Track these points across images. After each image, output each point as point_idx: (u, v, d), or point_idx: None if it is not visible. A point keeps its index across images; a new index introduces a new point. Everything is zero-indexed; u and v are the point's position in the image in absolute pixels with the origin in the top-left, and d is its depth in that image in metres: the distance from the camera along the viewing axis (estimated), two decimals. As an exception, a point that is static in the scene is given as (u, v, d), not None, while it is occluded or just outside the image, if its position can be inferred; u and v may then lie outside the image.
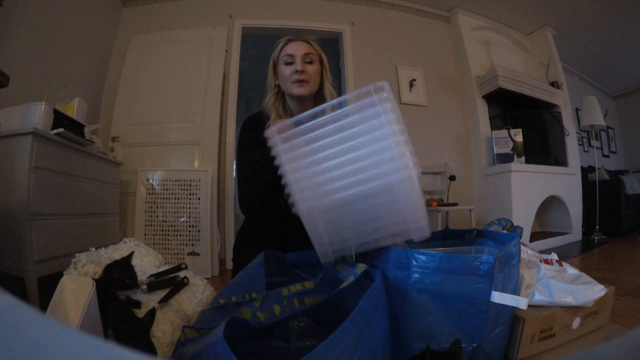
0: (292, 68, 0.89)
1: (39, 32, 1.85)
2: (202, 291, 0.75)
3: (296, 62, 0.89)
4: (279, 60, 0.92)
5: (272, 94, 0.95)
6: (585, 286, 0.69)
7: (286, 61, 0.89)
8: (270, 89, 0.96)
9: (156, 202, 2.05)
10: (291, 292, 0.58)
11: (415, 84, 2.87)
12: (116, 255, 0.78)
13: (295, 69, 0.88)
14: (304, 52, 0.89)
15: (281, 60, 0.90)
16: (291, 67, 0.89)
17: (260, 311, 0.50)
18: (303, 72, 0.88)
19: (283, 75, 0.90)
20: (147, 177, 2.09)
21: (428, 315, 0.56)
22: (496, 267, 0.54)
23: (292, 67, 0.89)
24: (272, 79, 0.95)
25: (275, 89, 0.95)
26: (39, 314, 0.14)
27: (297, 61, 0.89)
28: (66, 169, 1.41)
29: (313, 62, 0.91)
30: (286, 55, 0.89)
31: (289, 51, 0.89)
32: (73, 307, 0.51)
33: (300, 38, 0.93)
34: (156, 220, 2.03)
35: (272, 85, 0.95)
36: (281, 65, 0.90)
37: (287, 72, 0.89)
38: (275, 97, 0.94)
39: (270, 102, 0.94)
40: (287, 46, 0.91)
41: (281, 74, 0.91)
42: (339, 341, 0.35)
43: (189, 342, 0.48)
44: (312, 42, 0.94)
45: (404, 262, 0.59)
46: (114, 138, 2.31)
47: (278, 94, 0.95)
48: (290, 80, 0.89)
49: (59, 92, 1.74)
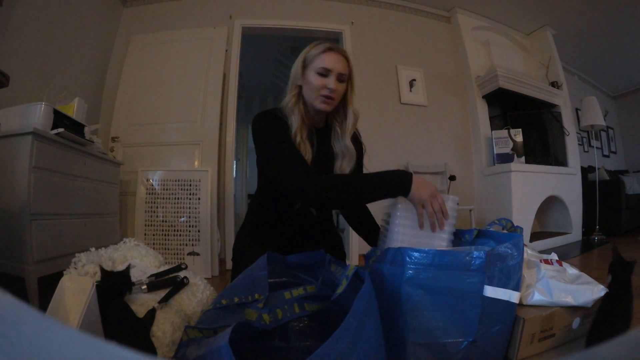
0: (323, 82, 0.85)
1: (39, 32, 1.85)
2: (202, 291, 0.75)
3: (330, 79, 0.85)
4: (312, 65, 0.86)
5: (292, 94, 0.89)
6: (585, 286, 0.69)
7: (320, 72, 0.85)
8: (292, 89, 0.90)
9: (156, 202, 2.05)
10: (293, 296, 0.58)
11: (415, 84, 2.86)
12: (116, 255, 0.78)
13: (327, 85, 0.85)
14: (340, 71, 0.86)
15: (314, 67, 0.86)
16: (323, 80, 0.85)
17: (265, 313, 0.50)
18: (334, 90, 0.86)
19: (311, 84, 0.86)
20: (147, 177, 2.09)
21: (423, 310, 0.57)
22: (488, 263, 0.55)
23: (324, 81, 0.85)
24: (299, 78, 0.89)
25: (296, 90, 0.90)
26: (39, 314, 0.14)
27: (331, 78, 0.85)
28: (66, 169, 1.41)
29: (343, 81, 0.89)
30: (322, 67, 0.85)
31: (326, 64, 0.85)
32: (73, 307, 0.51)
33: (339, 50, 0.88)
34: (156, 220, 2.03)
35: (294, 84, 0.90)
36: (313, 73, 0.86)
37: (318, 84, 0.85)
38: (296, 99, 0.89)
39: (291, 103, 0.88)
40: (325, 55, 0.86)
41: (310, 81, 0.86)
42: (336, 344, 0.35)
43: (192, 342, 0.48)
44: (349, 58, 0.90)
45: (398, 259, 0.60)
46: (114, 138, 2.31)
47: (299, 97, 0.89)
48: (317, 93, 0.86)
49: (59, 92, 1.74)
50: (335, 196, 0.76)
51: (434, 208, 0.73)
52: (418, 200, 0.73)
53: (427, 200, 0.72)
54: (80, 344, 0.13)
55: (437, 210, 0.73)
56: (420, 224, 0.74)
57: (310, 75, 0.87)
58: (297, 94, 0.89)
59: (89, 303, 0.52)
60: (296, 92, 0.90)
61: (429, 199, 0.72)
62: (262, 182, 1.00)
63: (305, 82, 0.88)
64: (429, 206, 0.72)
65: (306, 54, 0.88)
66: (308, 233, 0.99)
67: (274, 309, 0.52)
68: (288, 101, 0.89)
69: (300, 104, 0.89)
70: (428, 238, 0.74)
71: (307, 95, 0.89)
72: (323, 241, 1.01)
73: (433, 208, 0.73)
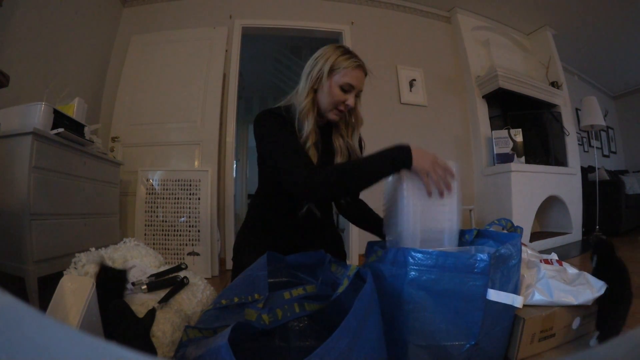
0: (344, 97, 0.86)
1: (39, 32, 1.85)
2: (202, 291, 0.75)
3: (351, 95, 0.87)
4: (336, 76, 0.86)
5: (309, 99, 0.87)
6: (586, 286, 0.69)
7: (344, 87, 0.86)
8: (308, 91, 0.88)
9: (156, 202, 2.05)
10: (293, 296, 0.58)
11: (415, 84, 2.86)
12: (116, 255, 0.78)
13: (346, 101, 0.86)
14: (360, 89, 0.88)
15: (339, 81, 0.86)
16: (344, 95, 0.86)
17: (265, 313, 0.50)
18: (351, 107, 0.88)
19: (333, 95, 0.86)
20: (147, 177, 2.09)
21: (425, 312, 0.57)
22: (492, 265, 0.54)
23: (345, 97, 0.86)
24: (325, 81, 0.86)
25: (312, 94, 0.88)
26: (39, 314, 0.14)
27: (352, 95, 0.87)
28: (66, 169, 1.41)
29: (359, 97, 0.91)
30: (347, 84, 0.85)
31: (352, 80, 0.86)
32: (73, 307, 0.50)
33: (365, 68, 0.90)
34: (156, 220, 2.03)
35: (310, 87, 0.88)
36: (337, 86, 0.86)
37: (339, 98, 0.86)
38: (312, 104, 0.88)
39: (306, 109, 0.87)
40: (354, 72, 0.86)
41: (332, 93, 0.86)
42: (336, 344, 0.35)
43: (192, 342, 0.48)
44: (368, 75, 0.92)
45: (400, 259, 0.59)
46: (114, 138, 2.31)
47: (314, 102, 0.89)
48: (334, 105, 0.87)
49: (59, 92, 1.74)
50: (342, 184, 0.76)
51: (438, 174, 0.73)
52: (421, 170, 0.73)
53: (431, 168, 0.72)
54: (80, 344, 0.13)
55: (441, 177, 0.73)
56: (428, 192, 0.73)
57: (332, 86, 0.86)
58: (312, 99, 0.88)
59: (89, 303, 0.52)
60: (312, 96, 0.88)
61: (431, 166, 0.72)
62: (262, 181, 0.99)
63: (323, 90, 0.87)
64: (434, 173, 0.72)
65: (334, 61, 0.86)
66: (310, 234, 0.99)
67: (273, 309, 0.52)
68: (304, 106, 0.87)
69: (315, 109, 0.89)
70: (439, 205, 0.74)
71: (322, 102, 0.88)
72: (324, 241, 1.01)
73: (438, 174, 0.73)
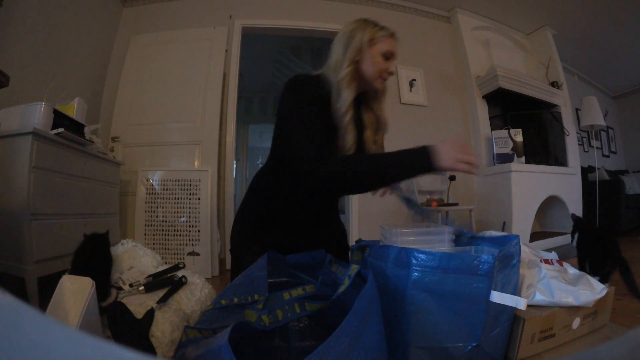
0: (387, 65, 0.89)
1: (39, 32, 1.85)
2: (200, 289, 0.75)
3: (392, 62, 0.90)
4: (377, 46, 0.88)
5: (349, 69, 0.86)
6: (586, 286, 0.69)
7: (386, 55, 0.89)
8: (349, 62, 0.86)
9: (156, 202, 2.05)
10: (292, 296, 0.57)
11: (415, 84, 2.86)
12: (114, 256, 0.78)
13: (389, 68, 0.89)
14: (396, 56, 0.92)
15: (380, 49, 0.88)
16: (386, 63, 0.89)
17: (265, 314, 0.50)
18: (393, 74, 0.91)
19: (377, 64, 0.88)
20: (147, 177, 2.09)
21: (427, 314, 0.56)
22: (496, 267, 0.54)
23: (387, 64, 0.89)
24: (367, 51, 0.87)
25: (353, 65, 0.87)
26: (39, 314, 0.14)
27: (392, 62, 0.90)
28: (66, 169, 1.41)
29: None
30: (389, 51, 0.89)
31: (392, 48, 0.90)
32: (73, 307, 0.50)
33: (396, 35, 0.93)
34: (156, 220, 2.03)
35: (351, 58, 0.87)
36: (379, 55, 0.88)
37: (382, 66, 0.89)
38: (353, 74, 0.87)
39: (347, 79, 0.85)
40: (391, 40, 0.91)
41: (375, 61, 0.88)
42: (336, 343, 0.35)
43: (191, 342, 0.48)
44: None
45: (403, 260, 0.59)
46: (114, 138, 2.31)
47: (355, 73, 0.88)
48: (379, 73, 0.89)
49: (59, 92, 1.74)
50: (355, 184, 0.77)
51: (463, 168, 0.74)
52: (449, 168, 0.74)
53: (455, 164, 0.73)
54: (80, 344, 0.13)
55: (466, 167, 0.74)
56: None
57: (376, 57, 0.88)
58: (353, 69, 0.87)
59: (88, 303, 0.52)
60: (353, 67, 0.87)
61: (455, 163, 0.73)
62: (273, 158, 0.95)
63: (366, 60, 0.88)
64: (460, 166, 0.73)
65: (371, 32, 0.89)
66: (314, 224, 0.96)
67: (273, 309, 0.52)
68: (344, 75, 0.85)
69: (356, 79, 0.88)
70: None
71: (367, 72, 0.89)
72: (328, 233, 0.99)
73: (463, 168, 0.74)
